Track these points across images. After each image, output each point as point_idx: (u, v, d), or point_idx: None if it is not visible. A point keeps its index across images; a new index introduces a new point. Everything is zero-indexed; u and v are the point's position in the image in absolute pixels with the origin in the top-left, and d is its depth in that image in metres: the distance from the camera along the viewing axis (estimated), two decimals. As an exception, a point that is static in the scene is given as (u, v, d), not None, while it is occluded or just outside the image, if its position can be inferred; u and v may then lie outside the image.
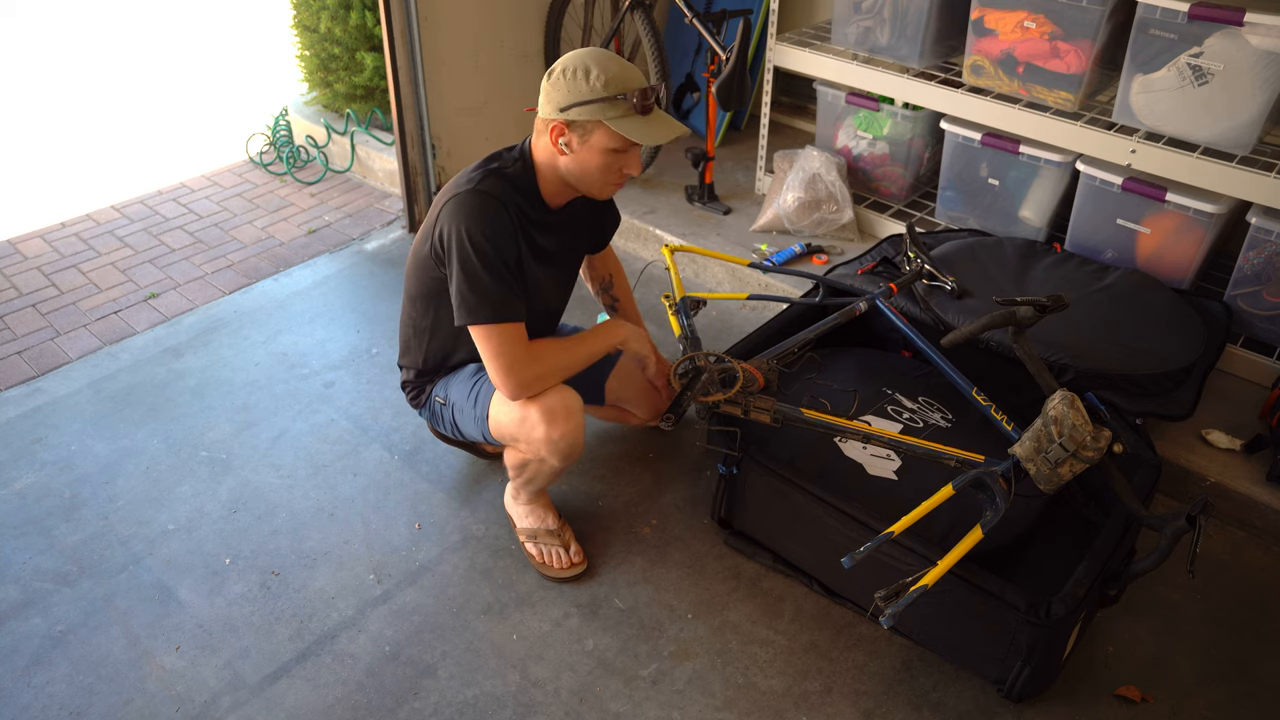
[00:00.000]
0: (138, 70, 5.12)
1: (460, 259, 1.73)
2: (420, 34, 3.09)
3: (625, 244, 3.28)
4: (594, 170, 1.78)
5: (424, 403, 2.10)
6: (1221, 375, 2.46)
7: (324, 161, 3.88)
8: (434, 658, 1.87)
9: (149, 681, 1.82)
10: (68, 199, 3.65)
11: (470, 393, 1.96)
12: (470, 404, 1.95)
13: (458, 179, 1.82)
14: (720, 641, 1.90)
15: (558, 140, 1.75)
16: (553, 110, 1.72)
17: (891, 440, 1.82)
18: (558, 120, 1.72)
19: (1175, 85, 2.34)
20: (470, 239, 1.72)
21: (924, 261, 2.35)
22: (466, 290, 1.74)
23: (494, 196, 1.75)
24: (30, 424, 2.47)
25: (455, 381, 2.02)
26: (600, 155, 1.75)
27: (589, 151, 1.75)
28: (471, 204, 1.74)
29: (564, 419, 1.81)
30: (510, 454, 1.97)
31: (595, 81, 1.68)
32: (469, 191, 1.75)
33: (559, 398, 1.83)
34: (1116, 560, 1.73)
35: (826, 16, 3.27)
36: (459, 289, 1.75)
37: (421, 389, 2.09)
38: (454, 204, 1.75)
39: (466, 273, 1.73)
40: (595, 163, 1.76)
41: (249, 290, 3.06)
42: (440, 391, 2.05)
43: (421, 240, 1.88)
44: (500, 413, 1.88)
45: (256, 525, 2.17)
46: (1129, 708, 1.79)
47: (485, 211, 1.74)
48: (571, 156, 1.77)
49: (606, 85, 1.69)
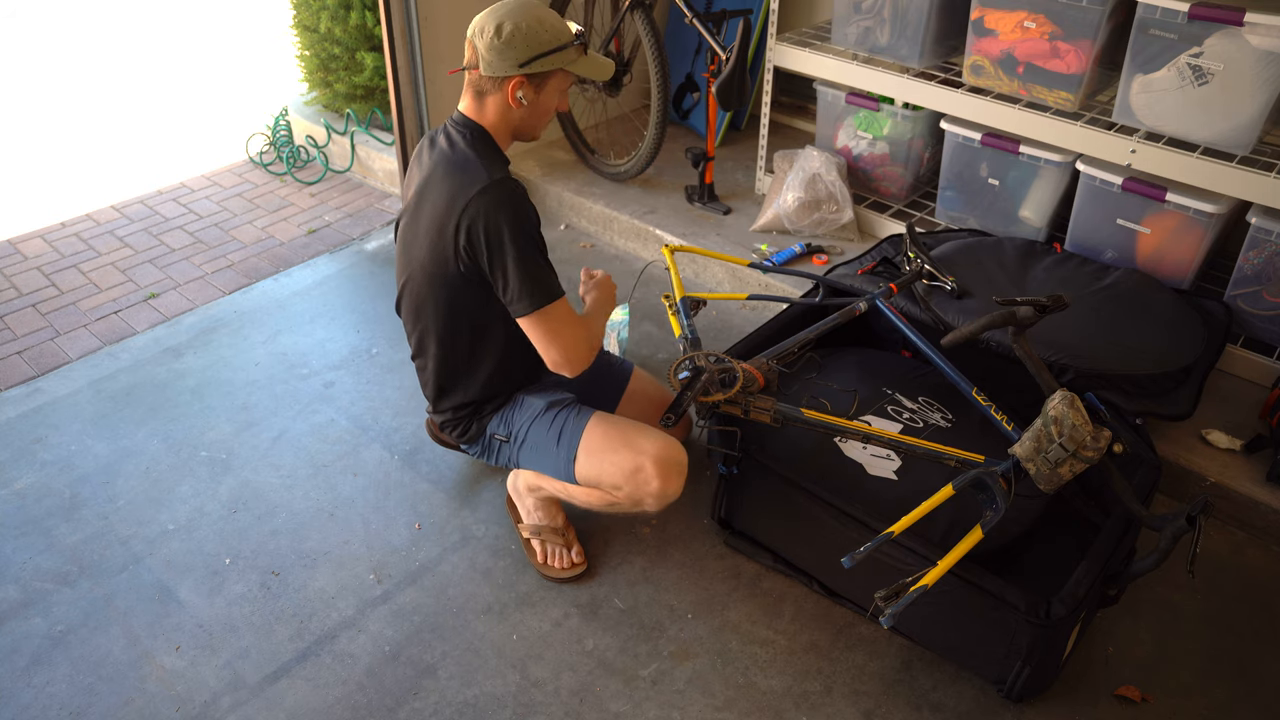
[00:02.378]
0: (138, 70, 5.12)
1: (513, 250, 1.74)
2: (420, 34, 3.09)
3: (625, 243, 3.28)
4: (545, 113, 1.87)
5: (475, 437, 2.05)
6: (1221, 375, 2.46)
7: (324, 161, 3.88)
8: (434, 658, 1.87)
9: (149, 681, 1.82)
10: (68, 199, 3.65)
11: (551, 432, 1.93)
12: (553, 444, 1.93)
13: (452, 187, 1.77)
14: (720, 641, 1.90)
15: (515, 94, 1.79)
16: (509, 67, 1.76)
17: (891, 440, 1.82)
18: (518, 75, 1.77)
19: (1175, 85, 2.34)
20: (513, 228, 1.74)
21: (924, 261, 2.35)
22: (523, 280, 1.76)
23: (508, 180, 1.78)
24: (30, 424, 2.47)
25: (522, 418, 1.98)
26: (555, 98, 1.86)
27: (547, 96, 1.84)
28: (497, 197, 1.75)
29: (677, 474, 1.86)
30: (591, 494, 1.93)
31: (548, 32, 1.76)
32: (489, 187, 1.74)
33: (672, 450, 1.85)
34: (1116, 560, 1.73)
35: (826, 16, 3.27)
36: (517, 281, 1.76)
37: (470, 423, 2.04)
38: (477, 204, 1.74)
39: (522, 262, 1.75)
40: (549, 106, 1.86)
41: (249, 290, 3.06)
42: (500, 428, 2.01)
43: (437, 264, 1.83)
44: (606, 462, 1.86)
45: (256, 525, 2.17)
46: (1129, 708, 1.79)
47: (513, 197, 1.77)
48: (528, 107, 1.83)
49: (558, 35, 1.78)
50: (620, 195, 3.36)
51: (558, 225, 3.42)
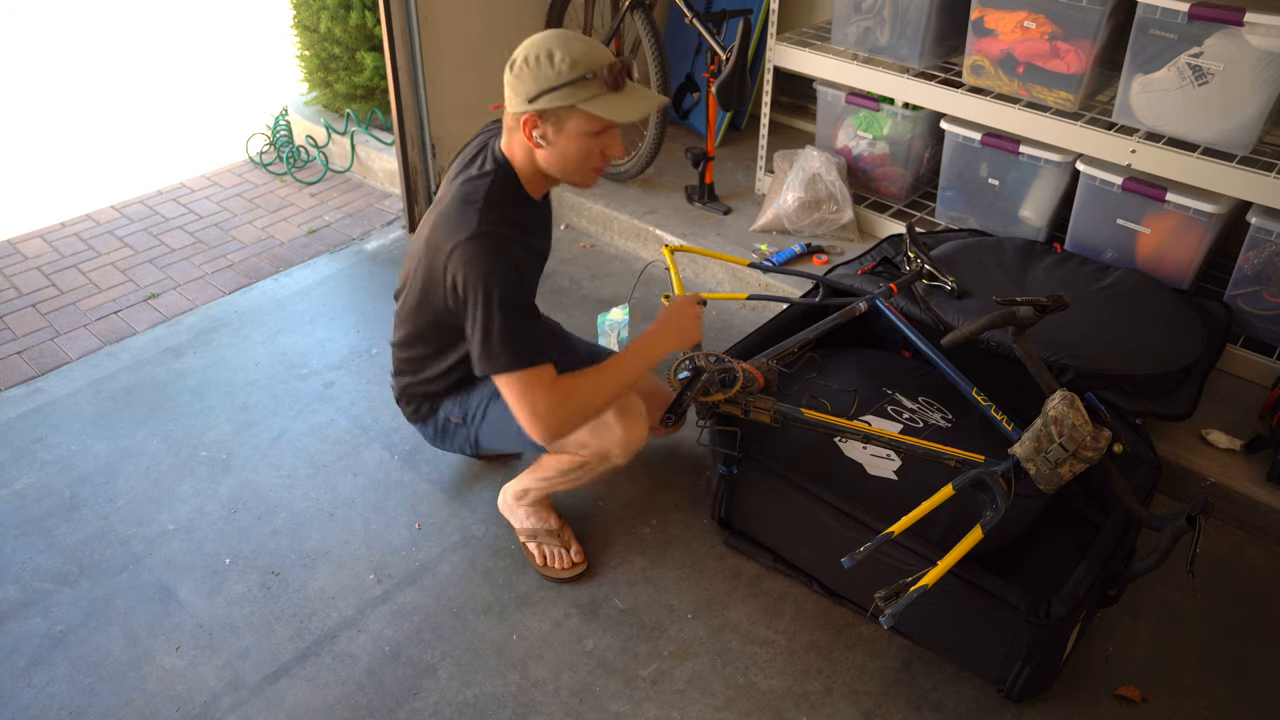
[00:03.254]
0: (137, 70, 5.12)
1: (479, 307, 1.63)
2: (420, 34, 3.09)
3: (625, 243, 3.28)
4: (574, 158, 1.68)
5: (425, 417, 2.04)
6: (1221, 375, 2.46)
7: (324, 161, 3.88)
8: (434, 658, 1.87)
9: (149, 681, 1.82)
10: (68, 199, 3.65)
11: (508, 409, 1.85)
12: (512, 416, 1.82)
13: (450, 219, 1.68)
14: (720, 641, 1.90)
15: (532, 134, 1.65)
16: (521, 103, 1.63)
17: (891, 440, 1.82)
18: (528, 113, 1.63)
19: (1175, 85, 2.34)
20: (486, 287, 1.62)
21: (924, 261, 2.35)
22: (484, 338, 1.65)
23: (499, 234, 1.65)
24: (30, 424, 2.47)
25: (478, 398, 1.95)
26: (579, 141, 1.66)
27: (567, 140, 1.65)
28: (479, 250, 1.63)
29: (636, 419, 1.85)
30: (561, 459, 1.92)
31: (560, 64, 1.58)
32: (475, 237, 1.63)
33: (627, 398, 1.83)
34: (1116, 560, 1.73)
35: (826, 16, 3.27)
36: (480, 338, 1.65)
37: (422, 403, 2.03)
38: (461, 252, 1.63)
39: (486, 321, 1.64)
40: (575, 150, 1.67)
41: (249, 290, 3.06)
42: (454, 410, 1.99)
43: (425, 289, 1.78)
44: None
45: (256, 525, 2.17)
46: (1129, 708, 1.79)
47: (496, 254, 1.63)
48: (549, 149, 1.67)
49: (573, 66, 1.59)
50: (620, 195, 3.36)
51: (558, 225, 3.42)
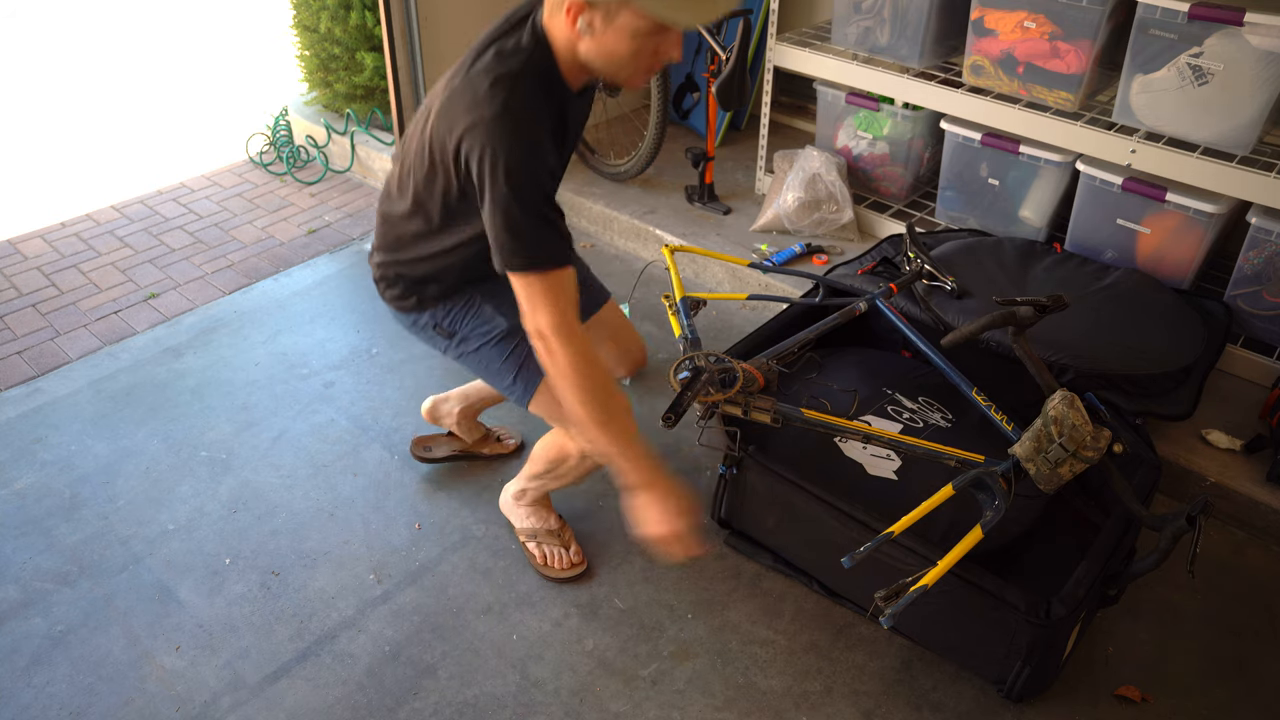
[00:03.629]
0: (137, 71, 5.12)
1: (496, 197, 1.46)
2: (420, 34, 3.09)
3: (625, 244, 3.28)
4: (623, 57, 1.45)
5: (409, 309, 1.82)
6: (1221, 375, 2.46)
7: (324, 161, 3.88)
8: (434, 658, 1.87)
9: (149, 681, 1.82)
10: (68, 199, 3.65)
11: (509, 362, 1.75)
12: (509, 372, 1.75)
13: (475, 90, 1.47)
14: (720, 641, 1.90)
15: (575, 20, 1.42)
16: None
17: (891, 440, 1.82)
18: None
19: (1175, 85, 2.34)
20: (508, 174, 1.44)
21: (924, 261, 2.35)
22: (505, 232, 1.47)
23: (528, 113, 1.46)
24: (30, 424, 2.47)
25: (475, 327, 1.79)
26: (629, 40, 1.42)
27: (616, 35, 1.42)
28: (503, 129, 1.44)
29: None
30: (550, 447, 1.86)
31: None
32: (499, 114, 1.44)
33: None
34: (1116, 560, 1.73)
35: (826, 16, 3.27)
36: (497, 231, 1.48)
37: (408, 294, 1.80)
38: (483, 131, 1.44)
39: (505, 214, 1.46)
40: (624, 49, 1.44)
41: (249, 290, 3.06)
42: (445, 321, 1.81)
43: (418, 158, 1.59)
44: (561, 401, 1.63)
45: (256, 525, 2.17)
46: (1129, 708, 1.79)
47: (520, 136, 1.45)
48: (593, 40, 1.44)
49: None
50: (620, 195, 3.36)
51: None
